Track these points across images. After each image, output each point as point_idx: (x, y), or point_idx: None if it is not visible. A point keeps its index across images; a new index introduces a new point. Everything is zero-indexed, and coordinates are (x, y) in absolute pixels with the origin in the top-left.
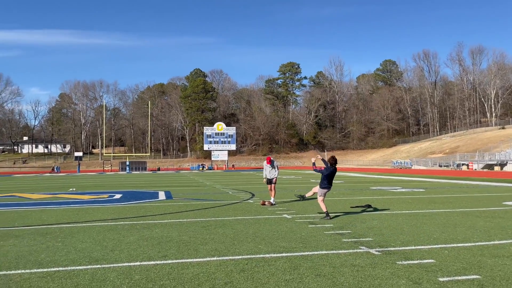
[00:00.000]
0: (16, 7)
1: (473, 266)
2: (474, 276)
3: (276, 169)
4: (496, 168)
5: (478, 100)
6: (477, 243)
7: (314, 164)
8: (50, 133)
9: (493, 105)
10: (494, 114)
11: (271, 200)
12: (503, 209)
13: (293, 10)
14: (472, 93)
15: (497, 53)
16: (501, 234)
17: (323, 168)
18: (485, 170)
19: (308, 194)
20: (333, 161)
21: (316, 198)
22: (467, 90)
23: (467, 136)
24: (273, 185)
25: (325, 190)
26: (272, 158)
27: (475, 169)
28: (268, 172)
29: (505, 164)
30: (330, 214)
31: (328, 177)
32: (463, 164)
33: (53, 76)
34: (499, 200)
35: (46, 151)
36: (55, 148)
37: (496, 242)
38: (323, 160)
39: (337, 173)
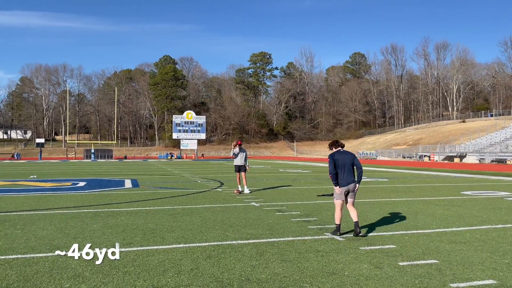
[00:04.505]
0: None
1: (432, 251)
2: (432, 261)
3: (245, 156)
4: (456, 160)
5: (441, 94)
6: (436, 230)
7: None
8: (9, 118)
9: (454, 99)
10: (455, 108)
11: (240, 188)
12: (461, 198)
13: (272, 2)
14: (435, 87)
15: (460, 49)
16: (459, 221)
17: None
18: (445, 161)
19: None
20: (335, 143)
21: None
22: (431, 84)
23: (430, 128)
24: (243, 173)
25: (341, 189)
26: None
27: (436, 161)
28: (239, 158)
29: (464, 156)
30: (341, 230)
31: (337, 167)
32: (425, 156)
33: (16, 59)
34: (457, 190)
35: (5, 137)
36: (15, 134)
37: (454, 229)
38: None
39: (305, 163)
